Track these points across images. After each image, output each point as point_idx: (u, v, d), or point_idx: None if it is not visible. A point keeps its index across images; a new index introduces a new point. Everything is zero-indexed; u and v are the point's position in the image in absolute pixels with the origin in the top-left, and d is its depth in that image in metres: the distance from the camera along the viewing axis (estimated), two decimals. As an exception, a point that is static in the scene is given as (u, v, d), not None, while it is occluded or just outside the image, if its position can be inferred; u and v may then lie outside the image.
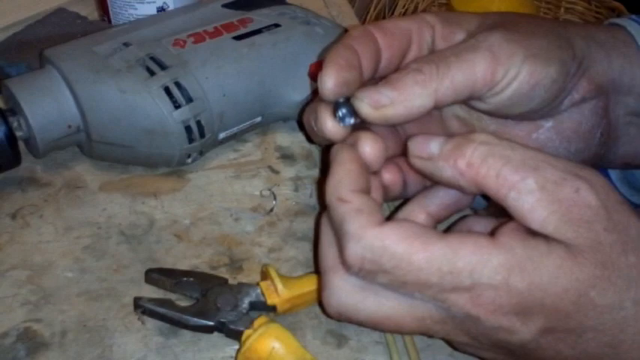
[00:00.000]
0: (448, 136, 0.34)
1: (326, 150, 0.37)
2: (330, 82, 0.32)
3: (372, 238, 0.29)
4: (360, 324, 0.32)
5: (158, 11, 0.53)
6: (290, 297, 0.36)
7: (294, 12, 0.50)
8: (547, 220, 0.28)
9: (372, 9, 1.16)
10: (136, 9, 0.53)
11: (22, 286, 0.37)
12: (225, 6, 0.49)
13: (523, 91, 0.34)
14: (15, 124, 0.41)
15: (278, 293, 0.36)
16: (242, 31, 0.47)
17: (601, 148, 0.38)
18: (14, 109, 0.41)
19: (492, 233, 0.29)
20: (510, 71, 0.33)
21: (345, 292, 0.31)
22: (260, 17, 0.48)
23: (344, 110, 0.33)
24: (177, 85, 0.42)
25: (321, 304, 0.33)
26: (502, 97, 0.34)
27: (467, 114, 0.39)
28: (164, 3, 0.53)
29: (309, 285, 0.36)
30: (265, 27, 0.47)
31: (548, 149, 0.37)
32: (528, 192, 0.28)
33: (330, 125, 0.33)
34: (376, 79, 0.35)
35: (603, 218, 0.28)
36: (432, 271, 0.28)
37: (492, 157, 0.29)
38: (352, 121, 0.33)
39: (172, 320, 0.35)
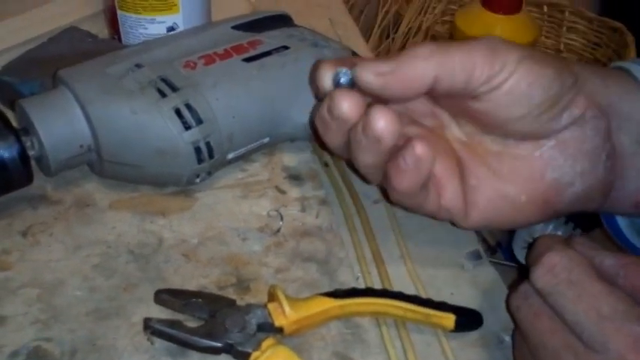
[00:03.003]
0: (455, 158, 0.37)
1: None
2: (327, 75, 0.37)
3: (574, 253, 0.33)
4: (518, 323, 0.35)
5: (168, 31, 0.54)
6: (297, 319, 0.36)
7: (302, 34, 0.51)
8: None
9: (376, 27, 1.17)
10: (146, 28, 0.54)
11: (33, 305, 0.38)
12: (235, 28, 0.50)
13: (521, 88, 0.35)
14: (28, 144, 0.41)
15: (285, 315, 0.36)
16: (252, 53, 0.47)
17: (609, 174, 0.38)
18: (27, 129, 0.42)
19: None
20: (507, 65, 0.35)
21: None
22: (269, 39, 0.49)
23: (343, 77, 0.36)
24: (188, 106, 0.43)
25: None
26: (499, 93, 0.35)
27: (469, 138, 0.40)
28: (174, 23, 0.54)
29: (316, 307, 0.37)
30: (274, 49, 0.48)
31: (553, 168, 0.38)
32: None
33: (329, 86, 0.37)
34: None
35: None
36: (609, 301, 0.30)
37: None
38: (350, 82, 0.36)
39: (181, 341, 0.35)
